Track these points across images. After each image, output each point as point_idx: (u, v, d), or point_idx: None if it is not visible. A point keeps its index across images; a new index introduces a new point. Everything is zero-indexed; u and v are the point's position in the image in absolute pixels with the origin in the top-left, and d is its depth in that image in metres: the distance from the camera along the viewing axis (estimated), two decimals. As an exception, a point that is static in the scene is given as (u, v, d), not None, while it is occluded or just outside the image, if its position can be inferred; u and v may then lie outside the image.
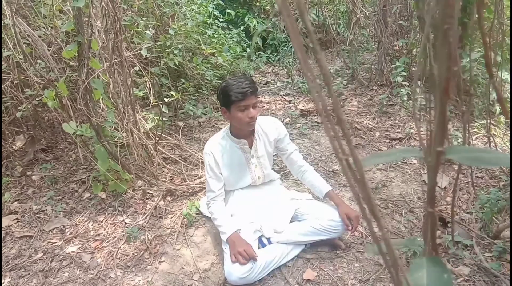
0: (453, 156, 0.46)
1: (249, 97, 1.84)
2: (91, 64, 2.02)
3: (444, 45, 0.40)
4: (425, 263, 0.45)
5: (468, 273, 1.90)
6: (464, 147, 0.47)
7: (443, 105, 0.43)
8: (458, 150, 0.46)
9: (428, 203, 0.49)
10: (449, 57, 0.41)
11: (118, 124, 2.19)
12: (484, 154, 0.45)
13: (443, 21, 0.38)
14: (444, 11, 0.37)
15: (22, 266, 2.09)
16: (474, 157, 0.45)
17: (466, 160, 0.45)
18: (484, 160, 0.44)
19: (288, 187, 2.60)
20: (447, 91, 0.42)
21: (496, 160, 0.43)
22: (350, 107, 3.75)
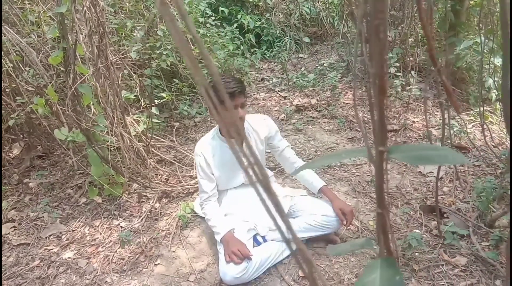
0: (396, 156, 0.44)
1: (237, 97, 1.83)
2: (78, 69, 2.02)
3: (376, 42, 0.38)
4: (379, 265, 0.44)
5: (465, 263, 1.89)
6: (409, 146, 0.46)
7: (381, 103, 0.42)
8: (402, 149, 0.45)
9: (377, 203, 0.47)
10: (381, 54, 0.39)
11: (108, 128, 2.19)
12: (430, 151, 0.43)
13: (374, 17, 0.37)
14: (375, 6, 0.36)
15: (20, 274, 2.09)
16: (419, 155, 0.43)
17: (410, 159, 0.43)
18: (430, 158, 0.42)
19: (283, 183, 2.59)
20: (384, 90, 0.41)
21: (444, 158, 0.42)
22: (345, 100, 3.73)
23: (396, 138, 3.05)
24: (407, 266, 1.90)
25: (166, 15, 0.28)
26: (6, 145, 3.42)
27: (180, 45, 0.31)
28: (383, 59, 0.38)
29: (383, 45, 0.38)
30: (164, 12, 0.28)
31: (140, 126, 2.50)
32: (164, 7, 0.28)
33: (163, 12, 0.28)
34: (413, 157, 0.42)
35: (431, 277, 1.82)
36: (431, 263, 1.89)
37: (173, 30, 0.29)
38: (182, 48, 0.31)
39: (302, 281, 1.88)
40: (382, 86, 0.40)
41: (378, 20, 0.36)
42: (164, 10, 0.28)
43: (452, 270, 1.86)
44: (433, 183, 2.52)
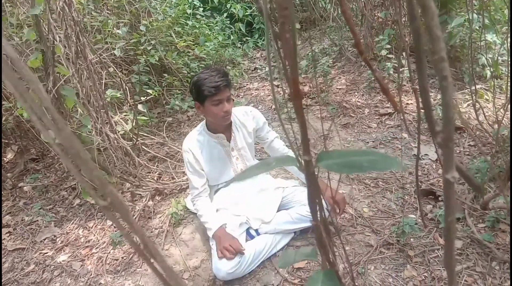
0: (323, 164, 0.41)
1: (223, 91, 1.79)
2: (58, 70, 1.98)
3: (284, 41, 0.35)
4: (321, 277, 0.41)
5: (461, 246, 1.87)
6: (338, 152, 0.42)
7: (299, 109, 0.38)
8: (330, 155, 0.41)
9: (312, 215, 0.44)
10: (291, 55, 0.36)
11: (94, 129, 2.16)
12: (360, 157, 0.40)
13: (279, 14, 0.33)
14: (278, 2, 0.32)
15: (15, 279, 2.09)
16: (348, 162, 0.40)
17: (337, 166, 0.40)
18: (359, 165, 0.39)
19: (276, 175, 2.56)
20: (299, 94, 0.38)
21: (374, 164, 0.38)
22: (338, 85, 3.67)
23: (390, 121, 3.00)
24: (402, 252, 1.87)
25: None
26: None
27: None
28: (293, 59, 0.35)
29: (292, 47, 0.34)
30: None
31: (128, 125, 2.46)
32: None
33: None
34: (341, 165, 0.39)
35: (426, 262, 1.80)
36: (427, 248, 1.87)
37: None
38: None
39: (297, 273, 1.86)
40: (297, 91, 0.37)
41: (283, 18, 0.32)
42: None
43: (448, 254, 1.84)
44: (428, 166, 2.49)
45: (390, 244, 1.93)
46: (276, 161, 0.46)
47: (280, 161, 0.46)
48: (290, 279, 1.82)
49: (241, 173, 0.47)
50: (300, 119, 0.39)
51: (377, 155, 0.39)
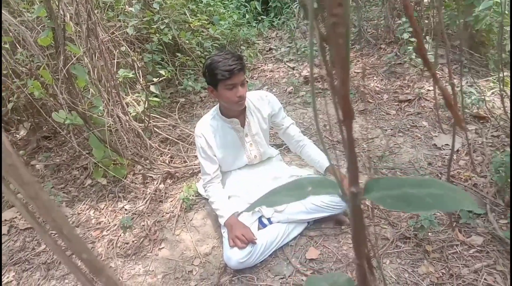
0: (372, 197, 0.34)
1: (237, 75, 1.71)
2: (69, 49, 1.92)
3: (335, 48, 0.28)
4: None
5: (481, 243, 1.79)
6: (388, 181, 0.35)
7: (348, 131, 0.32)
8: (379, 185, 0.34)
9: (356, 254, 0.38)
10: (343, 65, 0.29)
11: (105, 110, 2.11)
12: (418, 190, 0.33)
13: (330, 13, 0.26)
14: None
15: (26, 259, 2.09)
16: (403, 196, 0.33)
17: (391, 201, 0.33)
18: (417, 201, 0.31)
19: (290, 161, 2.50)
20: (350, 113, 0.31)
21: (438, 201, 0.31)
22: (357, 69, 3.55)
23: (410, 108, 2.89)
24: (419, 247, 1.81)
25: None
26: (12, 127, 3.40)
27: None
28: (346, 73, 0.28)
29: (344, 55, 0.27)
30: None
31: (140, 106, 2.41)
32: None
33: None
34: (397, 199, 0.32)
35: (444, 258, 1.74)
36: (445, 244, 1.80)
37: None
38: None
39: (309, 264, 1.82)
40: (347, 109, 0.29)
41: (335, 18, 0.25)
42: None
43: (467, 251, 1.77)
44: (448, 157, 2.39)
45: (407, 238, 1.87)
46: (312, 186, 0.39)
47: (317, 186, 0.39)
48: (302, 270, 1.78)
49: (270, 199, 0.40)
50: (348, 142, 0.32)
51: (442, 188, 0.32)
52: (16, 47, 2.50)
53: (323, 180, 0.39)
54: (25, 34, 2.33)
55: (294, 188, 0.38)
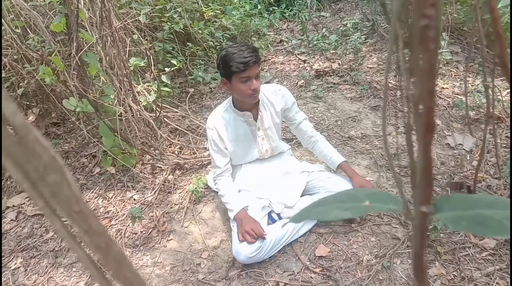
0: (444, 218, 0.31)
1: (252, 68, 1.68)
2: (82, 36, 1.89)
3: (424, 54, 0.25)
4: None
5: (494, 246, 1.77)
6: (462, 198, 0.32)
7: (427, 146, 0.29)
8: (452, 204, 0.32)
9: (416, 278, 0.35)
10: (430, 73, 0.26)
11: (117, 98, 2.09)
12: (497, 211, 0.30)
13: (420, 14, 0.23)
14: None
15: (34, 246, 2.10)
16: (480, 218, 0.30)
17: (466, 224, 0.30)
18: (497, 226, 0.29)
19: (300, 156, 2.47)
20: (432, 126, 0.28)
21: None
22: (369, 64, 3.50)
23: (423, 106, 2.84)
24: (430, 248, 1.79)
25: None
26: (21, 112, 3.39)
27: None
28: (432, 81, 0.25)
29: (434, 60, 0.24)
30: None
31: (151, 96, 2.38)
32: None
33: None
34: (473, 221, 0.29)
35: (456, 261, 1.72)
36: (457, 246, 1.78)
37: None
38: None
39: (318, 261, 1.80)
40: (430, 122, 0.27)
41: (426, 21, 0.22)
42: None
43: (480, 254, 1.75)
44: (461, 157, 2.36)
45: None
46: (370, 201, 0.36)
47: (375, 201, 0.36)
48: (311, 267, 1.76)
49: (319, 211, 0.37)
50: (425, 158, 0.29)
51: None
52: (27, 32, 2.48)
53: (382, 194, 0.36)
54: (37, 19, 2.30)
55: (348, 200, 0.35)
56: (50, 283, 1.87)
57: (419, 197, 0.31)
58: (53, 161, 0.25)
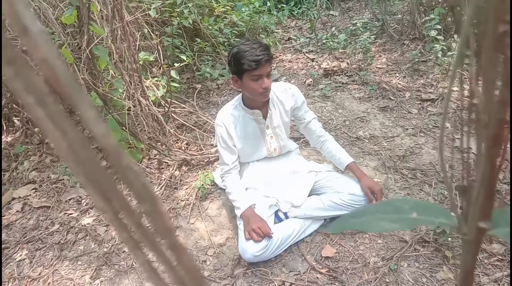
0: (500, 234, 0.30)
1: (264, 66, 1.67)
2: (92, 29, 1.88)
3: (501, 62, 0.24)
4: None
5: (502, 252, 1.75)
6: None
7: (493, 160, 0.28)
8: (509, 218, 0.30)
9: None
10: (506, 83, 0.24)
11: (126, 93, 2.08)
12: None
13: (499, 19, 0.22)
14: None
15: (39, 238, 2.09)
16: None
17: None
18: None
19: (307, 155, 2.46)
20: (499, 140, 0.26)
21: None
22: (378, 64, 3.47)
23: (433, 108, 2.82)
24: (438, 251, 1.78)
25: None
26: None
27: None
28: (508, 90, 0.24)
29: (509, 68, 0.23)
30: None
31: (159, 91, 2.37)
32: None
33: None
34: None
35: (464, 265, 1.70)
36: (465, 250, 1.76)
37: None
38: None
39: (325, 261, 1.79)
40: (499, 135, 0.25)
41: (504, 26, 0.21)
42: None
43: (488, 259, 1.73)
44: (471, 160, 2.33)
45: (426, 242, 1.83)
46: (417, 213, 0.35)
47: (424, 213, 0.35)
48: (317, 267, 1.75)
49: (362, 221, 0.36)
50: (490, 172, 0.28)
51: None
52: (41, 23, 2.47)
53: (430, 206, 0.35)
54: (47, 11, 2.30)
55: (392, 211, 0.34)
56: (55, 275, 1.87)
57: (477, 212, 0.30)
58: (145, 190, 0.24)
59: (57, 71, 0.21)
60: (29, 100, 0.21)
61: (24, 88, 0.21)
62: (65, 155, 0.22)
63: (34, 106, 0.21)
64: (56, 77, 0.21)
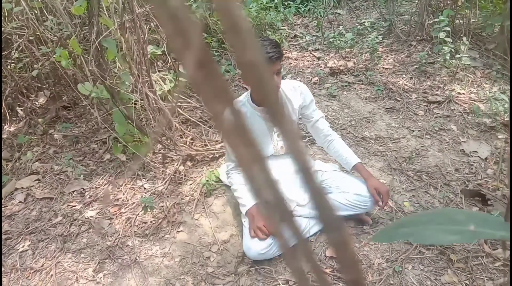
0: None
1: (274, 64, 1.65)
2: (102, 21, 1.86)
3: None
4: None
5: (507, 257, 1.74)
6: None
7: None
8: None
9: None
10: None
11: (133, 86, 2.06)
12: None
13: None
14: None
15: (42, 229, 2.09)
16: None
17: None
18: None
19: (313, 154, 2.45)
20: None
21: None
22: (385, 65, 3.45)
23: (439, 110, 2.81)
24: (443, 254, 1.77)
25: None
26: (32, 94, 3.37)
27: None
28: None
29: None
30: None
31: (166, 85, 2.36)
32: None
33: None
34: None
35: (469, 269, 1.70)
36: (470, 254, 1.76)
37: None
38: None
39: (329, 261, 1.79)
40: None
41: None
42: None
43: (493, 264, 1.73)
44: (476, 164, 2.33)
45: (431, 245, 1.82)
46: (475, 225, 0.33)
47: (482, 226, 0.33)
48: (321, 267, 1.74)
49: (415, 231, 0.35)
50: None
51: None
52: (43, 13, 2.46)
53: (488, 218, 0.34)
54: (56, 1, 2.28)
55: (447, 222, 0.33)
56: (58, 267, 1.86)
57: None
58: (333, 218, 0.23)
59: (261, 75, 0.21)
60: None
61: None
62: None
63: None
64: (260, 83, 0.21)
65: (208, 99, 0.23)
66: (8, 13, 2.51)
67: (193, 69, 0.21)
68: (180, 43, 0.21)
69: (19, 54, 2.86)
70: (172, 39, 0.22)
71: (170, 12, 0.21)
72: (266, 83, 0.21)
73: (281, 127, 0.24)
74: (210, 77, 0.23)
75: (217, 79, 0.23)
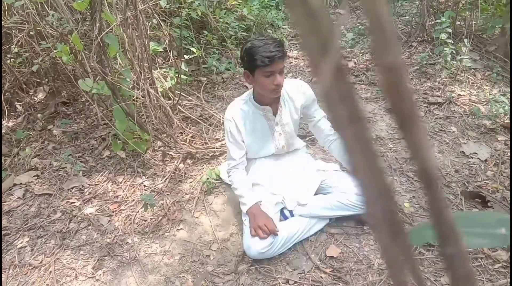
0: None
1: (277, 62, 1.65)
2: (104, 17, 1.85)
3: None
4: None
5: (506, 259, 1.75)
6: None
7: None
8: None
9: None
10: None
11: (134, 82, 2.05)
12: None
13: None
14: None
15: (41, 225, 2.08)
16: None
17: None
18: None
19: (313, 154, 2.45)
20: None
21: None
22: (385, 65, 3.45)
23: (439, 112, 2.81)
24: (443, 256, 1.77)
25: None
26: (31, 89, 3.35)
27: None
28: None
29: None
30: None
31: (167, 82, 2.35)
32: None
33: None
34: None
35: (468, 271, 1.70)
36: (469, 256, 1.76)
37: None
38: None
39: (329, 261, 1.79)
40: None
41: None
42: None
43: (492, 265, 1.73)
44: (476, 166, 2.33)
45: (430, 246, 1.82)
46: (506, 228, 0.33)
47: (509, 226, 0.33)
48: (322, 267, 1.74)
49: (421, 235, 0.35)
50: None
51: None
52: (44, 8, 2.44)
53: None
54: (57, -4, 2.26)
55: (476, 225, 0.32)
56: (56, 264, 1.85)
57: None
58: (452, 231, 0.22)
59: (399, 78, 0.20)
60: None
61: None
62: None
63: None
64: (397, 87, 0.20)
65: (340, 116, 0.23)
66: (9, 7, 2.49)
67: (330, 75, 0.21)
68: (315, 42, 0.22)
69: (19, 49, 2.84)
70: (306, 39, 0.21)
71: (309, 11, 0.21)
72: (404, 88, 0.21)
73: (411, 134, 0.23)
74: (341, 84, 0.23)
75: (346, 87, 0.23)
